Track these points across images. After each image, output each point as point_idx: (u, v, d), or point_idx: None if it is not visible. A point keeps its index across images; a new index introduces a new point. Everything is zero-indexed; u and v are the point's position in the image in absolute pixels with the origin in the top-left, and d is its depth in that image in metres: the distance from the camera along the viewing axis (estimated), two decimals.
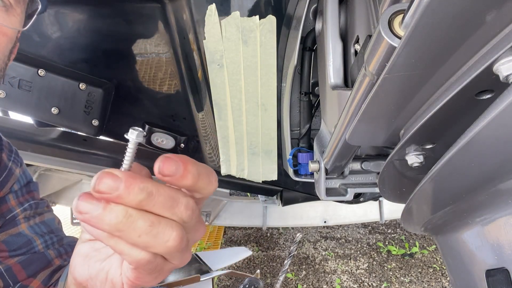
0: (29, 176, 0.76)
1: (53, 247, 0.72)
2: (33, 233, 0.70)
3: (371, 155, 0.82)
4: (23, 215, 0.71)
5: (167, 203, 0.35)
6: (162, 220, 0.35)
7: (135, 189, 0.33)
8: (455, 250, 0.45)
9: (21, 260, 0.67)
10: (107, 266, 0.42)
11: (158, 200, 0.34)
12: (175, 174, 0.34)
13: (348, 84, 0.72)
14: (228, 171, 1.17)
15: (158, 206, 0.34)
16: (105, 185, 0.32)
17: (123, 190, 0.32)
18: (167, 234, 0.35)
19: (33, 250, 0.69)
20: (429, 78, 0.36)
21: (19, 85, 0.95)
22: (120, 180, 0.32)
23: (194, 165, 0.36)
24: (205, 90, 1.05)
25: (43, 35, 0.97)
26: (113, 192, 0.32)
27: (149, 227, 0.34)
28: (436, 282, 2.59)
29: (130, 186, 0.32)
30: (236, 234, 3.40)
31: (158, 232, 0.34)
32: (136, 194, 0.33)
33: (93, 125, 1.02)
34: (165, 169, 0.34)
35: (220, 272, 1.85)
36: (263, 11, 0.92)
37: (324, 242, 3.20)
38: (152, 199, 0.34)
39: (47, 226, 0.74)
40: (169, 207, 0.35)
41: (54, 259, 0.71)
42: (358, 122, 0.47)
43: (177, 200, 0.35)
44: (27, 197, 0.74)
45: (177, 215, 0.36)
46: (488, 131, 0.31)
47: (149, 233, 0.34)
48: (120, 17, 0.98)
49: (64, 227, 0.80)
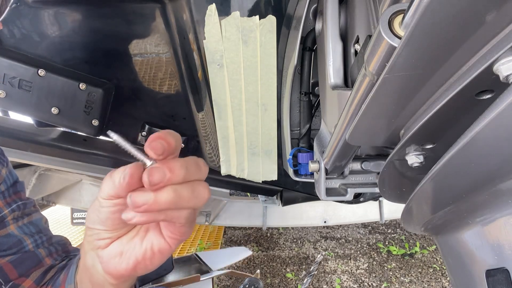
0: (15, 175, 0.76)
1: (43, 246, 0.72)
2: (22, 234, 0.70)
3: (371, 155, 0.82)
4: (12, 216, 0.71)
5: (196, 169, 0.44)
6: (195, 183, 0.44)
7: (177, 171, 0.41)
8: (455, 250, 0.45)
9: (12, 260, 0.67)
10: (148, 244, 0.48)
11: (191, 169, 0.43)
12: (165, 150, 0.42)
13: (348, 84, 0.73)
14: (228, 171, 1.17)
15: (192, 174, 0.43)
16: (156, 177, 0.40)
17: (170, 175, 0.40)
18: (202, 191, 0.44)
19: (24, 249, 0.69)
20: (429, 78, 0.37)
21: (19, 85, 0.95)
22: (164, 169, 0.40)
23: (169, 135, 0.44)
24: (205, 90, 1.05)
25: (43, 35, 0.97)
26: (164, 179, 0.40)
27: (191, 193, 0.43)
28: (436, 282, 2.59)
29: (173, 170, 0.41)
30: (236, 234, 3.40)
31: (198, 193, 0.43)
32: (179, 173, 0.41)
33: (93, 125, 1.02)
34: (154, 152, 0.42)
35: (220, 272, 1.85)
36: (263, 11, 0.92)
37: (324, 242, 3.20)
38: (188, 171, 0.42)
39: (36, 226, 0.74)
40: (197, 171, 0.44)
41: (45, 258, 0.71)
42: (358, 122, 0.47)
43: (198, 163, 0.45)
44: (14, 198, 0.73)
45: (202, 175, 0.45)
46: (488, 131, 0.31)
47: (192, 196, 0.43)
48: (120, 17, 0.98)
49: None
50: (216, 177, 1.31)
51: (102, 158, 1.38)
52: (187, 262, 1.82)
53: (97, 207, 0.46)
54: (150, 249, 0.48)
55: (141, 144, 1.13)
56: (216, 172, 1.19)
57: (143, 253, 0.48)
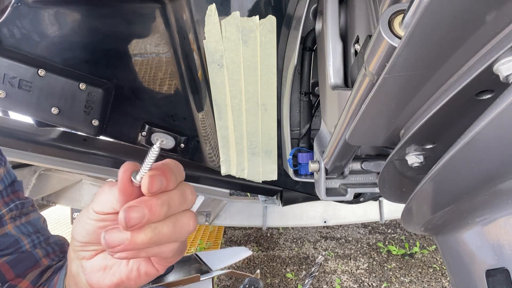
0: (13, 175, 0.76)
1: (40, 246, 0.72)
2: (19, 233, 0.70)
3: (371, 155, 0.82)
4: (9, 215, 0.70)
5: (181, 201, 0.40)
6: (178, 216, 0.41)
7: (157, 209, 0.38)
8: (455, 250, 0.45)
9: (8, 260, 0.67)
10: (135, 265, 0.46)
11: (174, 204, 0.40)
12: (160, 189, 0.39)
13: (348, 84, 0.72)
14: (228, 171, 1.17)
15: (175, 208, 0.40)
16: (134, 219, 0.36)
17: (149, 215, 0.37)
18: (186, 224, 0.41)
19: (21, 249, 0.69)
20: (429, 78, 0.37)
21: (19, 85, 0.95)
22: (142, 208, 0.37)
23: (169, 169, 0.40)
24: (205, 90, 1.05)
25: (43, 35, 0.97)
26: (142, 220, 0.37)
27: (173, 228, 0.40)
28: (436, 282, 2.59)
29: (153, 209, 0.37)
30: (236, 234, 3.40)
31: (181, 226, 0.40)
32: (159, 212, 0.38)
33: (93, 125, 1.02)
34: (154, 188, 0.38)
35: (220, 272, 1.85)
36: (263, 11, 0.92)
37: (324, 242, 3.20)
38: (171, 207, 0.39)
39: (33, 226, 0.74)
40: (182, 203, 0.41)
41: (42, 258, 0.71)
42: (358, 122, 0.47)
43: (185, 193, 0.41)
44: (12, 197, 0.73)
45: (187, 204, 0.42)
46: (488, 131, 0.31)
47: (174, 231, 0.40)
48: (120, 17, 0.98)
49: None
50: (216, 177, 1.31)
51: (102, 158, 1.38)
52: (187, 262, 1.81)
53: (84, 218, 0.45)
54: (137, 270, 0.46)
55: (141, 144, 1.13)
56: (216, 172, 1.19)
57: (128, 273, 0.46)
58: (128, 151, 1.40)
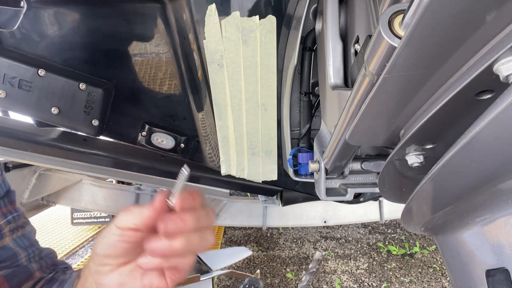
0: (7, 184, 0.75)
1: (34, 260, 0.73)
2: (17, 247, 0.71)
3: (371, 155, 0.82)
4: (8, 227, 0.70)
5: (205, 218, 0.50)
6: (203, 230, 0.50)
7: (189, 221, 0.47)
8: (455, 250, 0.45)
9: (5, 274, 0.67)
10: (148, 281, 0.51)
11: (201, 219, 0.49)
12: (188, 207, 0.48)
13: (348, 84, 0.72)
14: (228, 171, 1.17)
15: (202, 223, 0.49)
16: (171, 225, 0.46)
17: (182, 225, 0.46)
18: (209, 238, 0.50)
19: (17, 263, 0.69)
20: (429, 78, 0.37)
21: (19, 85, 0.95)
22: (177, 220, 0.46)
23: (196, 193, 0.50)
24: (205, 90, 1.05)
25: (43, 35, 0.97)
26: (177, 228, 0.46)
27: (199, 239, 0.49)
28: (436, 282, 2.59)
29: (185, 220, 0.47)
30: (236, 234, 3.40)
31: (206, 240, 0.50)
32: (190, 224, 0.47)
33: (93, 125, 1.02)
34: (185, 204, 0.48)
35: (220, 272, 1.85)
36: (263, 11, 0.92)
37: (324, 242, 3.20)
38: (199, 220, 0.48)
39: (28, 239, 0.74)
40: (206, 220, 0.50)
41: (36, 271, 0.72)
42: (358, 122, 0.47)
43: (208, 213, 0.51)
44: (10, 209, 0.73)
45: (211, 222, 0.52)
46: (488, 131, 0.31)
47: (200, 243, 0.49)
48: (120, 17, 0.98)
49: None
50: (216, 177, 1.31)
51: (102, 158, 1.38)
52: None
53: (106, 233, 0.50)
54: (149, 286, 0.51)
55: (141, 144, 1.13)
56: (216, 172, 1.19)
57: None
58: (128, 151, 1.40)
